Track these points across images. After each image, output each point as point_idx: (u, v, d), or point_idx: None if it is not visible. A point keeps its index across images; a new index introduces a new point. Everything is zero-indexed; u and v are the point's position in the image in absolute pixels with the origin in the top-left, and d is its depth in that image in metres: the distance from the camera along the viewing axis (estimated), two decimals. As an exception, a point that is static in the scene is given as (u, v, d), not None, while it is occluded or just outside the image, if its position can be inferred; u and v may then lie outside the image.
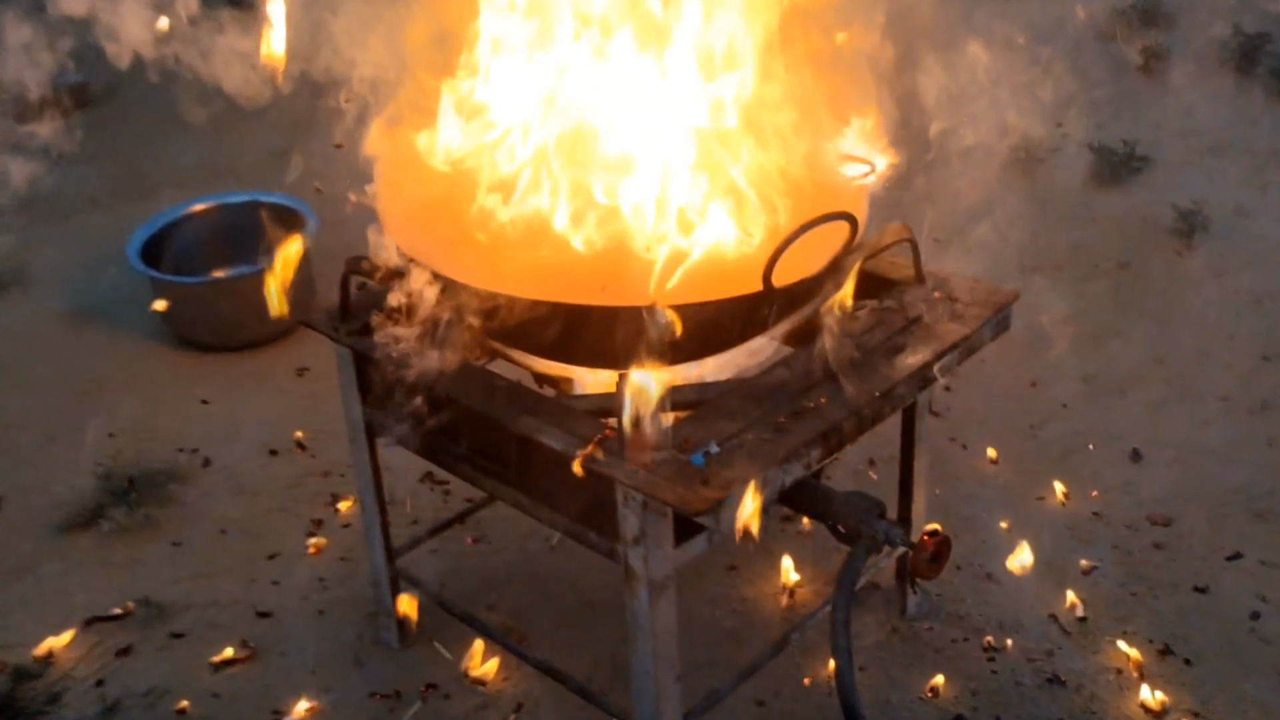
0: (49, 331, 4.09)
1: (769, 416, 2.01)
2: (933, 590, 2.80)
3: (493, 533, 3.06)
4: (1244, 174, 4.69)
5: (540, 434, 2.03)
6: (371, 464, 2.53)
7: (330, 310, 2.42)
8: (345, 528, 3.11)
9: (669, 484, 1.87)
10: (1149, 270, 4.10)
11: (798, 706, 2.55)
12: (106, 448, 3.47)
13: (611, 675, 2.63)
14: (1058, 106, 5.38)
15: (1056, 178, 4.74)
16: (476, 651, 2.68)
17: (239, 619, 2.85)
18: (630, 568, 2.01)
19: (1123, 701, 2.53)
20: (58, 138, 5.64)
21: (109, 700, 2.63)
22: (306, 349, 3.89)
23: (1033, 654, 2.65)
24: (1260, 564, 2.86)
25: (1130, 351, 3.69)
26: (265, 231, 4.13)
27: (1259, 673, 2.58)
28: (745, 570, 2.92)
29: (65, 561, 3.06)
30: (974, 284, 2.40)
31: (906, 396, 2.17)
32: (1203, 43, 5.90)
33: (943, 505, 3.07)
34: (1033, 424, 3.38)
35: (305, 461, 3.39)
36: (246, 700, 2.63)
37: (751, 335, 2.18)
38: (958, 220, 4.49)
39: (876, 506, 2.11)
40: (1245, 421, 3.36)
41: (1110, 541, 2.95)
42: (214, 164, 5.35)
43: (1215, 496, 3.08)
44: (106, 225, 4.81)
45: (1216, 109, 5.26)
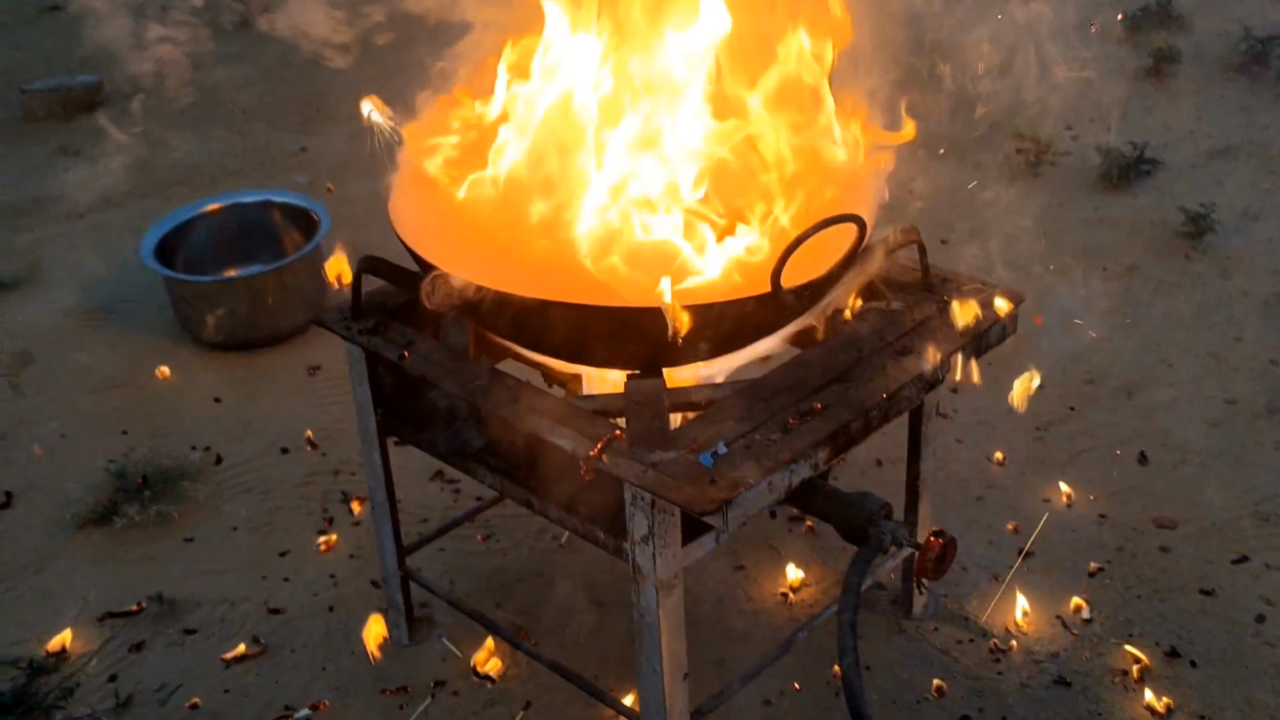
0: (62, 329, 4.12)
1: (777, 418, 2.03)
2: (939, 591, 2.81)
3: (502, 531, 3.08)
4: (1253, 177, 4.70)
5: (549, 434, 2.05)
6: (382, 462, 2.55)
7: (342, 309, 2.44)
8: (356, 525, 3.14)
9: (677, 484, 1.89)
10: (1157, 273, 4.10)
11: (804, 706, 2.57)
12: (119, 445, 3.50)
13: (619, 674, 2.64)
14: (1068, 109, 5.40)
15: (1066, 180, 4.74)
16: (485, 649, 2.70)
17: (250, 615, 2.88)
18: (638, 566, 2.03)
19: (1128, 704, 2.54)
20: (69, 137, 5.70)
21: (121, 695, 2.66)
22: (318, 348, 3.92)
23: (1038, 656, 2.66)
24: (1266, 567, 2.87)
25: (1138, 354, 3.69)
26: (278, 231, 4.18)
27: (1264, 676, 2.59)
28: (752, 570, 2.93)
29: (78, 558, 3.08)
30: (981, 286, 2.41)
31: (913, 398, 2.19)
32: (1213, 46, 5.91)
33: (949, 507, 3.08)
34: (1039, 426, 3.39)
35: (316, 459, 3.42)
36: (257, 696, 2.66)
37: (760, 337, 2.19)
38: (965, 222, 4.50)
39: (883, 507, 2.13)
40: (1252, 424, 3.36)
41: (1116, 544, 2.96)
42: (226, 164, 5.38)
43: (1222, 499, 3.09)
44: (119, 224, 4.84)
45: (1226, 112, 5.27)
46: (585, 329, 2.06)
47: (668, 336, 1.92)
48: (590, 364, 2.27)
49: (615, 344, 2.09)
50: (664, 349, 2.07)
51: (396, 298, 2.49)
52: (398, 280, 2.40)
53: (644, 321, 1.99)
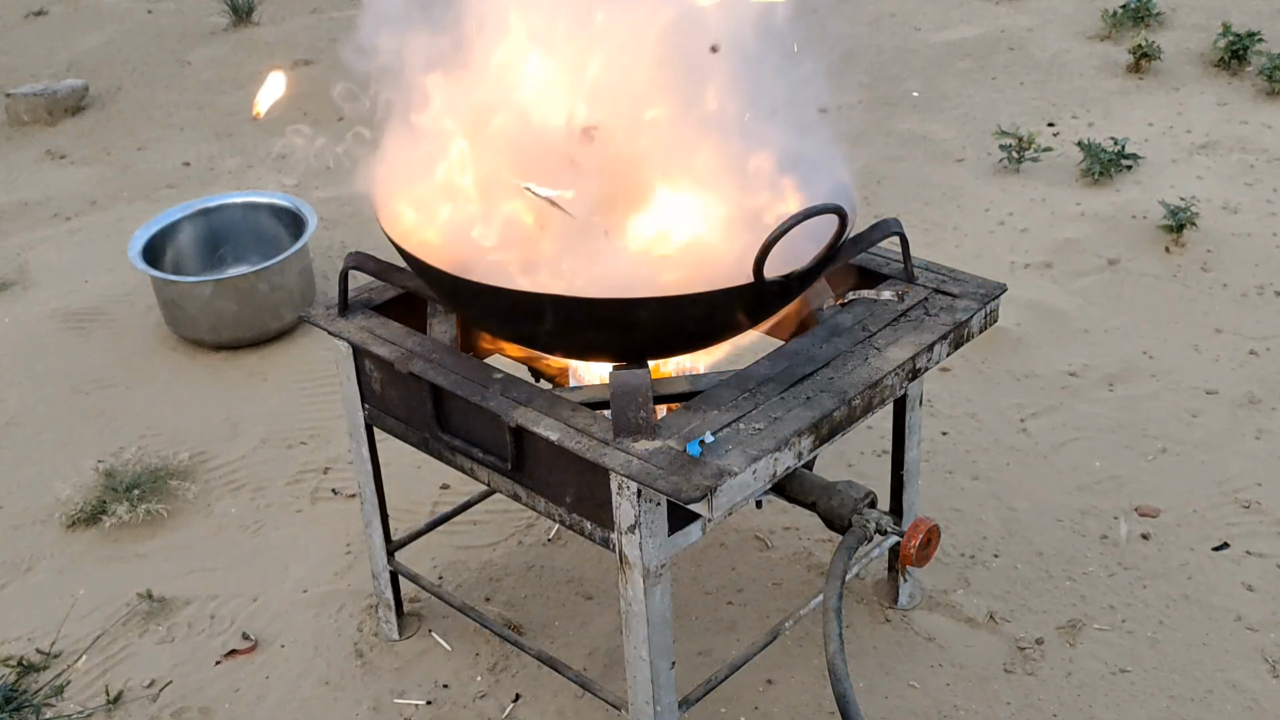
0: (50, 331, 4.13)
1: (761, 407, 2.05)
2: (924, 579, 2.84)
3: (491, 526, 3.10)
4: (1233, 171, 4.74)
5: (536, 426, 2.07)
6: (371, 458, 2.57)
7: (329, 305, 2.46)
8: (345, 521, 3.15)
9: (663, 473, 1.91)
10: (1139, 266, 4.14)
11: (791, 694, 2.59)
12: (108, 445, 3.51)
13: (607, 665, 2.67)
14: (1048, 104, 5.44)
15: (1048, 175, 4.78)
16: (475, 642, 2.71)
17: (240, 612, 2.89)
18: (625, 556, 2.05)
19: (1113, 690, 2.57)
20: (55, 141, 5.70)
21: (112, 693, 2.67)
22: (306, 346, 3.93)
23: (1023, 643, 2.69)
24: (1247, 554, 2.91)
25: (1119, 346, 3.73)
26: (266, 231, 4.18)
27: (1246, 661, 2.62)
28: (739, 560, 2.95)
29: (68, 557, 3.09)
30: (963, 277, 2.44)
31: (897, 388, 2.21)
32: (1193, 42, 5.96)
33: (934, 496, 3.11)
34: (1023, 417, 3.42)
35: (305, 456, 3.43)
36: (248, 691, 2.67)
37: (743, 328, 2.22)
38: (948, 216, 4.54)
39: (868, 496, 2.16)
40: (1232, 414, 3.40)
41: (1099, 532, 2.99)
42: (213, 166, 5.39)
43: (1203, 488, 3.13)
44: (107, 226, 4.85)
45: (1206, 107, 5.31)
46: (569, 321, 2.08)
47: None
48: (574, 356, 2.29)
49: (598, 335, 2.11)
50: (648, 340, 2.09)
51: (383, 293, 2.51)
52: (384, 276, 2.42)
53: (626, 312, 2.01)
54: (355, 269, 2.39)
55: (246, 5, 7.00)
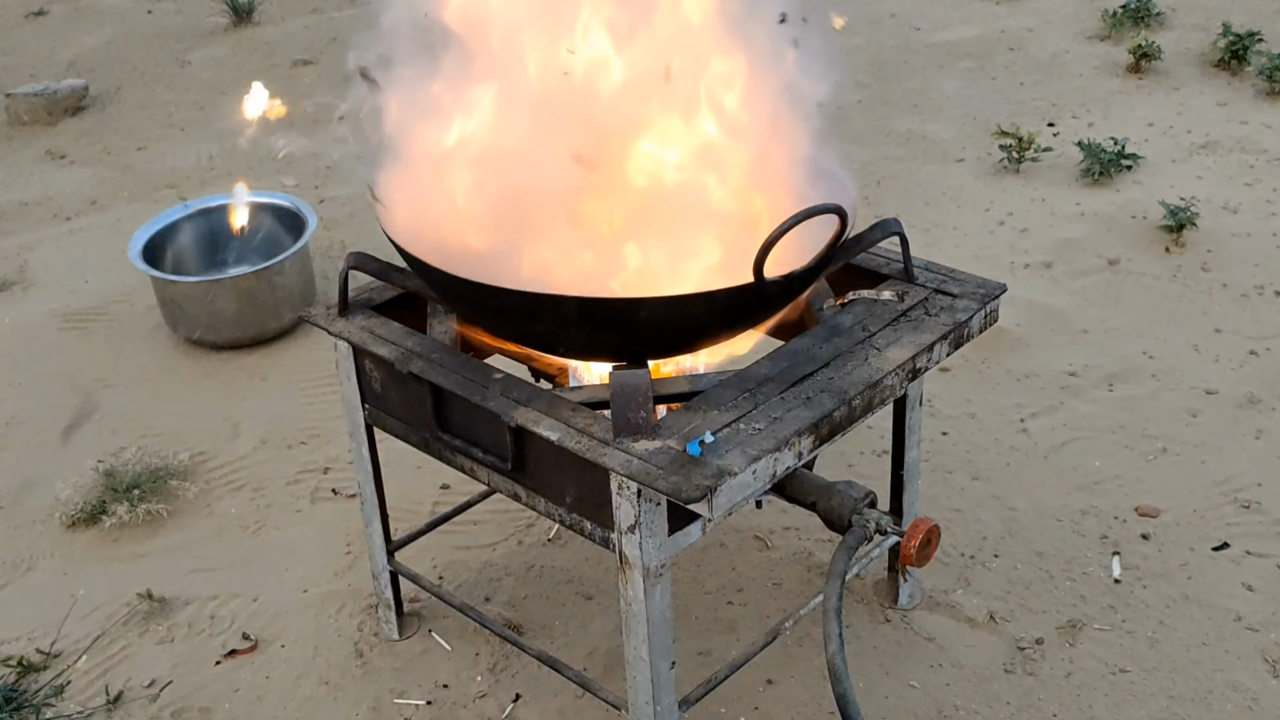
0: (50, 331, 4.13)
1: (761, 407, 2.05)
2: (924, 579, 2.84)
3: (491, 526, 3.10)
4: (1232, 171, 4.74)
5: (536, 426, 2.07)
6: (371, 458, 2.57)
7: (329, 305, 2.46)
8: (345, 521, 3.15)
9: (663, 473, 1.91)
10: (1138, 266, 4.14)
11: (791, 694, 2.59)
12: (108, 445, 3.51)
13: (607, 665, 2.67)
14: (1048, 104, 5.45)
15: (1048, 175, 4.78)
16: (475, 642, 2.71)
17: (240, 612, 2.89)
18: (625, 556, 2.05)
19: (1113, 691, 2.57)
20: (55, 141, 5.71)
21: (112, 693, 2.67)
22: (306, 346, 3.93)
23: (1023, 643, 2.69)
24: (1246, 554, 2.91)
25: (1119, 346, 3.73)
26: (266, 231, 4.19)
27: (1246, 661, 2.62)
28: (739, 560, 2.95)
29: (68, 557, 3.09)
30: (963, 277, 2.44)
31: (897, 388, 2.21)
32: (1192, 42, 5.96)
33: (934, 496, 3.11)
34: (1023, 417, 3.42)
35: (305, 456, 3.43)
36: (248, 691, 2.67)
37: (743, 328, 2.22)
38: (948, 216, 4.54)
39: (868, 496, 2.16)
40: (1232, 414, 3.40)
41: (1099, 533, 2.99)
42: (213, 166, 5.39)
43: (1203, 488, 3.13)
44: (107, 226, 4.85)
45: (1206, 107, 5.32)
46: (568, 321, 2.08)
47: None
48: (574, 356, 2.29)
49: (598, 335, 2.11)
50: (648, 340, 2.09)
51: (383, 293, 2.51)
52: (384, 276, 2.42)
53: (626, 312, 2.01)
54: (355, 269, 2.39)
55: (246, 5, 7.02)
